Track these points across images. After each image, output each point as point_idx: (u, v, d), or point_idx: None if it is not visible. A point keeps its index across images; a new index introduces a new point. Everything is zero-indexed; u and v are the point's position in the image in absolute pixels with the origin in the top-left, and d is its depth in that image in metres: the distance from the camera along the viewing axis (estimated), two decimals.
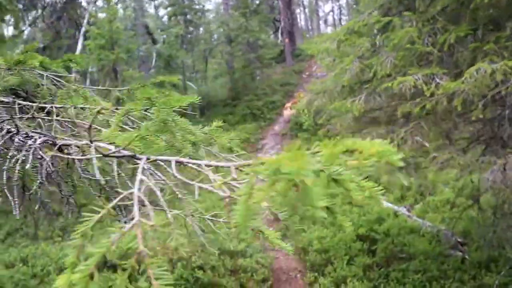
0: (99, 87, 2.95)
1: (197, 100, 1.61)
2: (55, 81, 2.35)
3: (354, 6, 54.41)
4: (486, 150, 4.36)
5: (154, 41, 24.77)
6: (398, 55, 3.90)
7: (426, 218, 8.53)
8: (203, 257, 6.43)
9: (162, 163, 1.40)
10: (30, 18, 18.64)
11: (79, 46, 16.87)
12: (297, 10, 48.21)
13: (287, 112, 19.84)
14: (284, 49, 28.56)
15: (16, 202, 1.69)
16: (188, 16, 23.48)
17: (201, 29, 26.57)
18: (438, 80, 3.52)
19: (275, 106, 20.78)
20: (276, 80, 23.84)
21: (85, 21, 17.72)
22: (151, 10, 43.18)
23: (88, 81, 15.11)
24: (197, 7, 24.88)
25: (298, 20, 46.11)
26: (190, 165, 1.31)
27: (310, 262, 6.76)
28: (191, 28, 23.97)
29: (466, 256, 6.49)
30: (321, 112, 14.38)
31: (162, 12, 30.01)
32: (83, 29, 16.40)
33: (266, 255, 7.10)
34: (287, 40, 27.58)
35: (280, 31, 30.70)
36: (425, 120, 3.87)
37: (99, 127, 1.81)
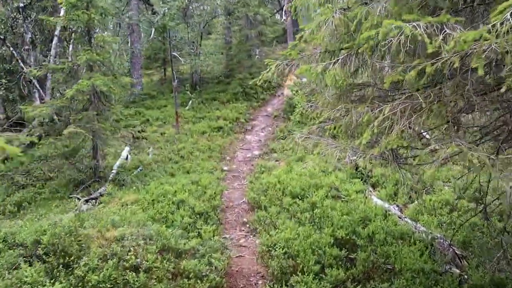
0: None
1: None
2: None
3: None
4: (506, 143, 3.13)
5: (154, 13, 23.40)
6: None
7: (420, 221, 7.32)
8: (142, 255, 5.26)
9: None
10: None
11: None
12: None
13: (287, 91, 18.54)
14: (287, 28, 27.02)
15: None
16: None
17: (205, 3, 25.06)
18: (448, 31, 2.29)
19: (270, 86, 19.46)
20: (275, 59, 22.37)
21: None
22: None
23: (53, 44, 13.78)
24: None
25: None
26: None
27: (273, 268, 5.56)
28: (194, 3, 22.48)
29: (465, 276, 5.28)
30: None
31: None
32: None
33: (224, 255, 5.91)
34: (289, 19, 26.03)
35: (283, 9, 29.09)
36: (423, 95, 2.63)
37: None
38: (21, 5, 15.99)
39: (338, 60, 3.19)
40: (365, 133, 2.94)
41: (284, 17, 28.32)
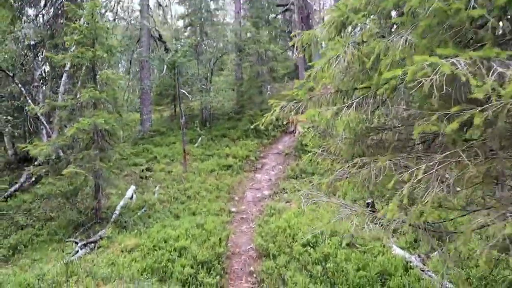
0: None
1: None
2: None
3: None
4: None
5: (166, 49, 23.54)
6: (418, 30, 2.14)
7: (445, 274, 6.57)
8: None
9: None
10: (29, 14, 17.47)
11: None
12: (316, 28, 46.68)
13: (299, 128, 18.07)
14: (299, 64, 26.92)
15: None
16: (207, 26, 21.91)
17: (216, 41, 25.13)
18: (500, 69, 1.78)
19: (282, 124, 19.00)
20: (286, 95, 22.06)
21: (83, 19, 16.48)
22: (168, 20, 42.37)
23: (62, 80, 13.63)
24: (215, 19, 23.33)
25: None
26: None
27: None
28: (206, 40, 22.51)
29: None
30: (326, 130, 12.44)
31: (179, 22, 28.79)
32: None
33: None
34: (301, 55, 25.93)
35: (294, 46, 29.08)
36: (467, 152, 2.08)
37: None
38: (32, 42, 16.08)
39: (352, 103, 2.70)
40: (391, 205, 2.43)
41: (295, 53, 28.27)
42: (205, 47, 22.31)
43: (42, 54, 16.02)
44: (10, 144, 16.46)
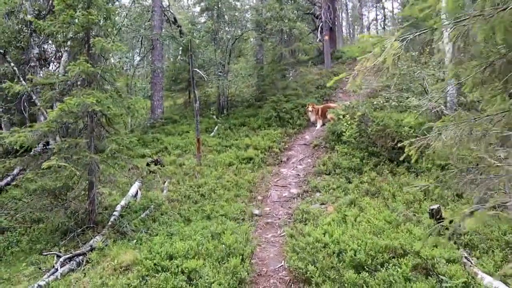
0: None
1: None
2: None
3: (395, 15, 50.36)
4: None
5: (182, 34, 21.62)
6: None
7: None
8: None
9: None
10: None
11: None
12: (340, 15, 44.44)
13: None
14: (323, 48, 24.64)
15: None
16: (225, 10, 19.77)
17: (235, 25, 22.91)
18: None
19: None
20: (311, 80, 19.91)
21: None
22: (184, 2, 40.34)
23: (62, 60, 11.72)
24: (234, 2, 21.03)
25: (340, 24, 42.17)
26: None
27: None
28: (224, 25, 20.40)
29: None
30: (369, 119, 10.27)
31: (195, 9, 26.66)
32: None
33: None
34: (326, 37, 23.64)
35: (319, 29, 26.79)
36: None
37: None
38: (29, 17, 14.21)
39: None
40: None
41: (319, 37, 25.92)
42: (223, 32, 20.26)
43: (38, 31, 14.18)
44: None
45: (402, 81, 11.34)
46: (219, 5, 19.59)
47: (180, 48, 20.92)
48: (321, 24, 25.57)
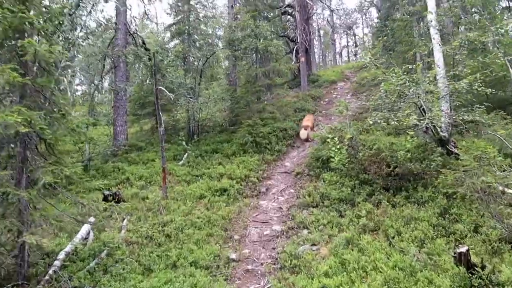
0: None
1: None
2: None
3: (365, 42, 50.64)
4: None
5: (150, 58, 20.06)
6: None
7: None
8: None
9: None
10: None
11: None
12: (313, 42, 43.98)
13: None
14: (299, 71, 23.57)
15: None
16: (195, 36, 18.39)
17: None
18: None
19: (287, 135, 15.45)
20: (289, 103, 18.60)
21: None
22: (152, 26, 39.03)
23: None
24: (203, 27, 19.64)
25: (313, 49, 41.70)
26: None
27: None
28: (194, 49, 18.96)
29: None
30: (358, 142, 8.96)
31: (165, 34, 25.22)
32: None
33: None
34: (303, 59, 22.61)
35: (294, 52, 25.81)
36: None
37: None
38: None
39: None
40: None
41: (294, 61, 24.85)
42: (194, 57, 18.82)
43: None
44: None
45: (393, 100, 10.06)
46: (190, 31, 18.26)
47: (148, 71, 19.29)
48: (296, 47, 24.60)
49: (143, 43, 20.32)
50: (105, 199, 10.51)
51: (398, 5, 22.52)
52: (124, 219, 9.74)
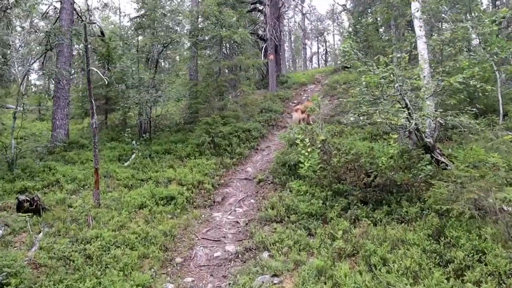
0: None
1: None
2: None
3: (336, 49, 49.92)
4: None
5: (108, 45, 17.88)
6: None
7: None
8: None
9: None
10: None
11: None
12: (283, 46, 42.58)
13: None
14: (267, 71, 21.97)
15: None
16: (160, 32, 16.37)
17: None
18: None
19: (250, 137, 13.70)
20: (254, 102, 16.87)
21: None
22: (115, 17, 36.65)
23: None
24: (170, 23, 17.59)
25: (284, 52, 40.35)
26: None
27: None
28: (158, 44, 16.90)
29: None
30: (332, 146, 7.04)
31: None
32: None
33: None
34: (272, 57, 21.02)
35: (263, 50, 24.23)
36: None
37: None
38: None
39: None
40: None
41: (263, 59, 23.22)
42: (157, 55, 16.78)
43: None
44: None
45: (376, 95, 8.50)
46: (155, 24, 16.26)
47: (98, 59, 17.13)
48: (265, 45, 23.03)
49: (102, 33, 18.13)
50: (20, 205, 8.41)
51: (371, 9, 21.45)
52: (40, 232, 7.69)
